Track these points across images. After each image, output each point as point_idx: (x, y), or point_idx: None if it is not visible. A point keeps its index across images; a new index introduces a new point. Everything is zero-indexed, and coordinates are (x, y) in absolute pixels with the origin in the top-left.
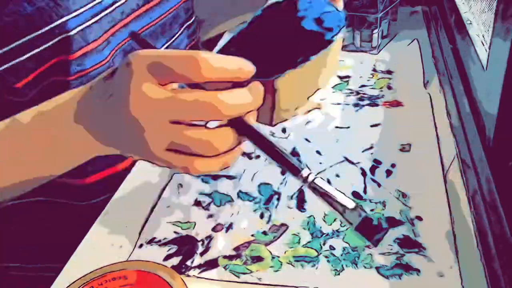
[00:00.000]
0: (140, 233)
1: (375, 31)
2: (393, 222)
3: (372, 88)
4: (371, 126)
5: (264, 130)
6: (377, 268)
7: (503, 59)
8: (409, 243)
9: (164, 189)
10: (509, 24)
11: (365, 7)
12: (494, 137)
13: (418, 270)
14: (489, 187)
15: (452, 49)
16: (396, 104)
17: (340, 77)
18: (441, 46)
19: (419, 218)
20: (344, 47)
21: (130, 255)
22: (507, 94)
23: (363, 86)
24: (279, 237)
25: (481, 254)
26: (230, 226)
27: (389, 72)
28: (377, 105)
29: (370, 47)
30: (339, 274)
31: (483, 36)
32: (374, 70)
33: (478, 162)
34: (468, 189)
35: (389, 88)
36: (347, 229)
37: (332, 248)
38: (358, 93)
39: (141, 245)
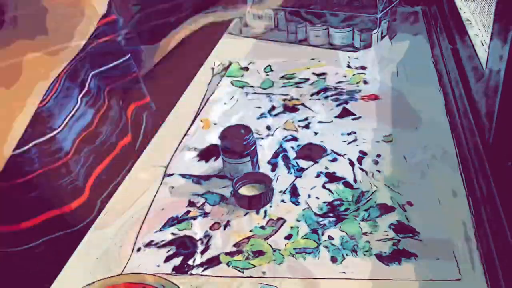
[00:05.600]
0: (136, 237)
1: (375, 31)
2: (386, 209)
3: (348, 84)
4: (353, 119)
5: None
6: (377, 255)
7: (502, 59)
8: (403, 229)
9: (156, 192)
10: (508, 24)
11: (365, 7)
12: (494, 137)
13: (415, 255)
14: (489, 186)
15: (452, 49)
16: (374, 97)
17: (317, 74)
18: (441, 46)
19: (410, 203)
20: (344, 47)
21: (128, 259)
22: (506, 94)
23: (340, 82)
24: (277, 231)
25: (481, 254)
26: (227, 224)
27: (363, 67)
28: (356, 99)
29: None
30: (340, 263)
31: (482, 36)
32: (349, 66)
33: (477, 162)
34: (467, 189)
35: (365, 83)
36: (343, 219)
37: (330, 238)
38: (336, 88)
39: (139, 249)
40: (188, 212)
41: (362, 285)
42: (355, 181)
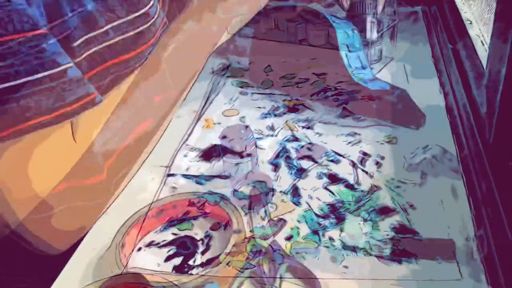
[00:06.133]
0: (136, 237)
1: (375, 31)
2: (386, 209)
3: (349, 84)
4: (353, 119)
5: None
6: (377, 255)
7: (502, 59)
8: (404, 229)
9: (157, 191)
10: (508, 24)
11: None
12: (494, 137)
13: (415, 255)
14: (489, 186)
15: (452, 49)
16: (374, 97)
17: (317, 74)
18: (441, 46)
19: (410, 203)
20: (344, 47)
21: (128, 259)
22: (506, 94)
23: (340, 82)
24: (278, 231)
25: (481, 254)
26: (227, 224)
27: (363, 67)
28: (356, 99)
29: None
30: (340, 263)
31: (482, 36)
32: (349, 66)
33: (477, 162)
34: (467, 189)
35: (366, 82)
36: (343, 219)
37: (331, 238)
38: (336, 88)
39: (139, 249)
40: (188, 212)
41: (362, 285)
42: (356, 181)
